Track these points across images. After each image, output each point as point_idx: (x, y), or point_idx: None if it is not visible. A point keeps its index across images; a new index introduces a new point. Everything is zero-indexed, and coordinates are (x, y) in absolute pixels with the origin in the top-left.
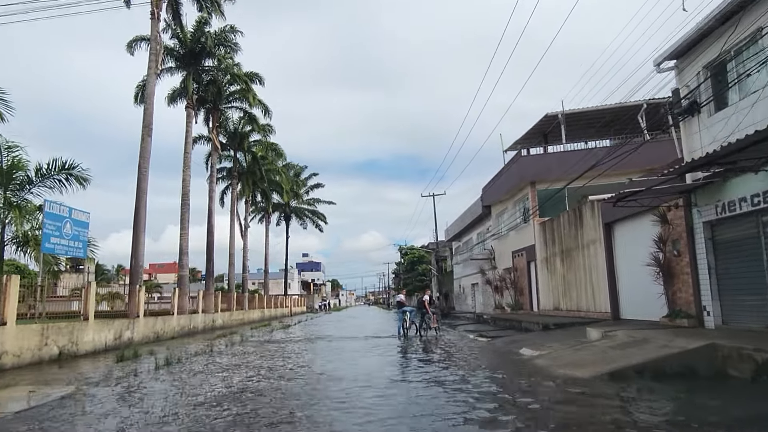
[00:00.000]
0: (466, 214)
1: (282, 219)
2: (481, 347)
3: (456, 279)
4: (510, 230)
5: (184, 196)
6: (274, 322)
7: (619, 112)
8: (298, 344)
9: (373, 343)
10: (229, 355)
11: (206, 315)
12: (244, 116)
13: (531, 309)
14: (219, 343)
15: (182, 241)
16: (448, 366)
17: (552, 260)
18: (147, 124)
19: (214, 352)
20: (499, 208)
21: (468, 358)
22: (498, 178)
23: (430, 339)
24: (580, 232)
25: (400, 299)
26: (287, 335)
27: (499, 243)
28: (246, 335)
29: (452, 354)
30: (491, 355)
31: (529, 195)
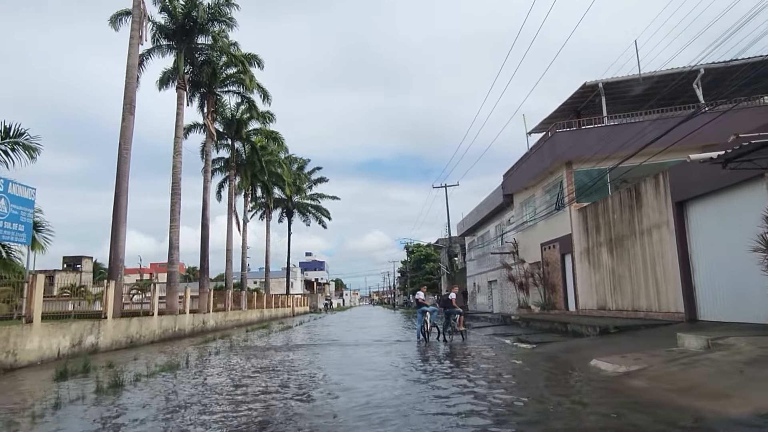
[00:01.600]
0: (482, 206)
1: (284, 215)
2: (531, 358)
3: (470, 276)
4: (538, 220)
5: (174, 185)
6: (274, 323)
7: (667, 80)
8: (299, 353)
9: (395, 352)
10: (209, 368)
11: (195, 316)
12: (242, 102)
13: (566, 308)
14: (203, 351)
15: (172, 234)
16: (510, 390)
17: (596, 251)
18: (129, 100)
19: (190, 366)
20: (524, 196)
21: (528, 378)
22: (523, 162)
23: (457, 345)
24: (637, 215)
25: (420, 297)
26: (287, 339)
27: (524, 235)
28: (239, 340)
29: (499, 369)
30: (556, 372)
31: (564, 178)
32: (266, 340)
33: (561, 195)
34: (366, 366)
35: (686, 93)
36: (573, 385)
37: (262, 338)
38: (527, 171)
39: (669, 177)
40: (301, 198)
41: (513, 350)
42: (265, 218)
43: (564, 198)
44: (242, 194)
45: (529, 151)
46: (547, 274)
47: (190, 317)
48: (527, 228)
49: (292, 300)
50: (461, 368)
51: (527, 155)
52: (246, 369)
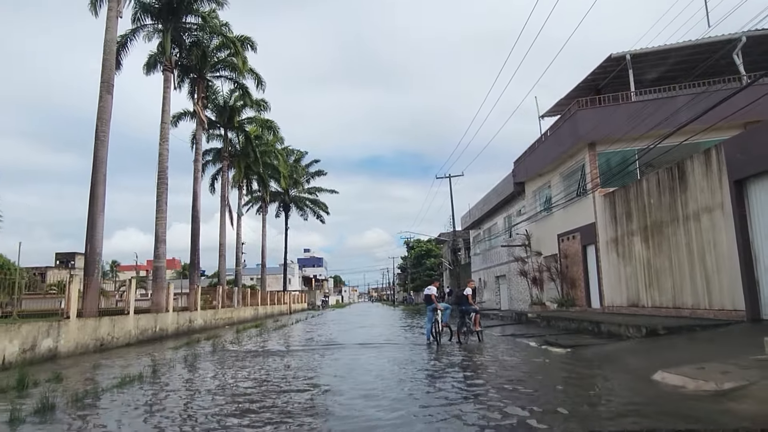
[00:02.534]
0: (490, 196)
1: (281, 209)
2: (571, 367)
3: (474, 272)
4: (554, 209)
5: (160, 174)
6: (268, 321)
7: (703, 51)
8: (295, 359)
9: (404, 360)
10: (178, 382)
11: (180, 314)
12: (235, 88)
13: (588, 305)
14: (178, 356)
15: (158, 227)
16: (568, 421)
17: (626, 241)
18: (107, 78)
19: (148, 380)
20: (537, 184)
21: (582, 399)
22: (537, 147)
23: (473, 348)
24: (680, 198)
25: (430, 292)
26: (281, 340)
27: (537, 226)
28: (225, 342)
29: (537, 384)
30: (616, 389)
31: (586, 160)
32: (256, 341)
33: (583, 180)
34: (370, 380)
35: (723, 65)
36: (654, 412)
37: (252, 339)
38: (542, 156)
39: (724, 152)
40: (299, 192)
41: (543, 356)
42: (261, 212)
43: (586, 183)
44: (236, 186)
45: (543, 134)
46: (565, 268)
47: (173, 316)
48: (541, 218)
49: (289, 297)
50: (487, 381)
51: (541, 139)
52: (233, 379)
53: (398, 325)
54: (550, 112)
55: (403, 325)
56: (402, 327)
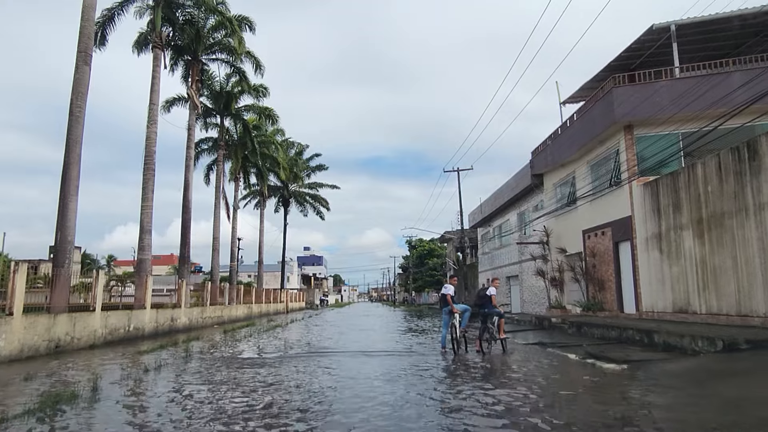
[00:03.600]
0: (502, 191)
1: (280, 204)
2: (640, 393)
3: (482, 272)
4: (579, 202)
5: (147, 159)
6: (262, 320)
7: (758, 23)
8: (279, 372)
9: (414, 376)
10: (112, 410)
11: (160, 312)
12: (232, 72)
13: (619, 309)
14: (139, 365)
15: (143, 216)
16: None
17: (672, 236)
18: (84, 48)
19: (86, 403)
20: (558, 175)
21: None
22: (559, 135)
23: (500, 361)
24: (750, 184)
25: (447, 292)
26: (270, 345)
27: (558, 221)
28: (205, 345)
29: (603, 417)
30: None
31: (621, 146)
32: (241, 345)
33: (616, 169)
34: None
35: None
36: None
37: (238, 343)
38: (565, 144)
39: None
40: (299, 186)
41: (593, 374)
42: (259, 207)
43: (620, 172)
44: (233, 178)
45: (569, 119)
46: (591, 267)
47: (152, 314)
48: (563, 213)
49: (286, 295)
50: (534, 409)
51: (566, 125)
52: (161, 415)
53: (403, 328)
54: (572, 98)
55: (408, 328)
56: (407, 330)
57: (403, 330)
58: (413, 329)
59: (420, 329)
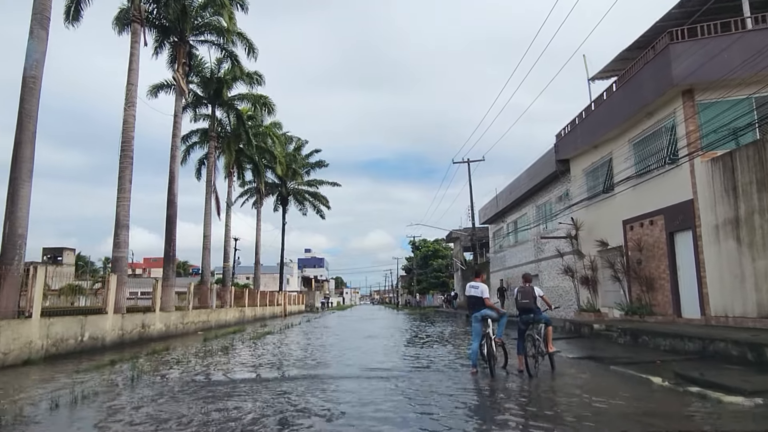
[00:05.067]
0: (520, 182)
1: (278, 203)
2: None
3: (495, 272)
4: (617, 187)
5: (124, 145)
6: (255, 325)
7: None
8: (246, 407)
9: (443, 419)
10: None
11: (128, 317)
12: (223, 57)
13: (676, 313)
14: (65, 389)
15: (120, 208)
16: None
17: (758, 221)
18: (40, 10)
19: None
20: (590, 159)
21: None
22: (594, 111)
23: (556, 388)
24: None
25: (477, 292)
26: (251, 359)
27: (589, 212)
28: (167, 360)
29: None
30: None
31: (679, 115)
32: (215, 360)
33: (672, 143)
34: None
35: None
36: None
37: (212, 357)
38: (600, 121)
39: None
40: (297, 184)
41: (713, 412)
42: (256, 206)
43: (678, 148)
44: (225, 172)
45: (605, 92)
46: (636, 264)
47: (115, 319)
48: (596, 202)
49: (284, 297)
50: None
51: (600, 100)
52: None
53: (411, 334)
54: (604, 73)
55: (417, 335)
56: (417, 338)
57: (413, 337)
58: (424, 336)
59: (432, 337)
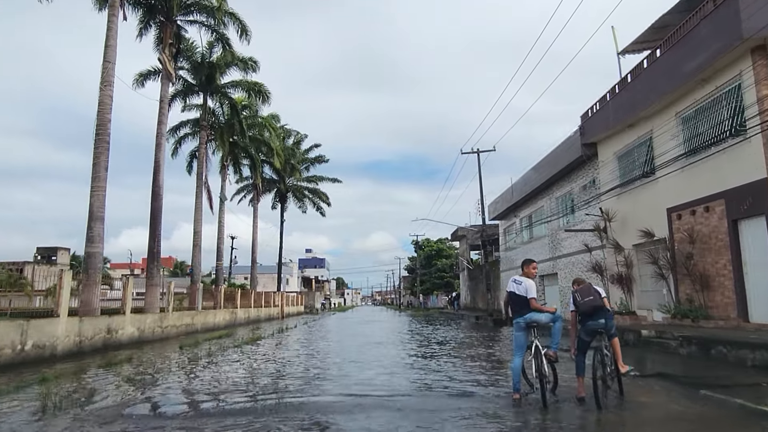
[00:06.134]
0: (539, 170)
1: (276, 200)
2: None
3: (505, 271)
4: (660, 171)
5: (100, 128)
6: (246, 328)
7: None
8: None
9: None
10: None
11: (90, 321)
12: (214, 40)
13: (741, 317)
14: None
15: (94, 200)
16: None
17: None
18: None
19: None
20: (623, 140)
21: None
22: (630, 83)
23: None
24: None
25: (519, 289)
26: (215, 379)
27: (622, 201)
28: (113, 378)
29: None
30: None
31: (747, 77)
32: (173, 379)
33: (738, 111)
34: None
35: None
36: None
37: (174, 373)
38: (638, 96)
39: None
40: (297, 180)
41: None
42: (253, 203)
43: (745, 117)
44: (219, 165)
45: (645, 59)
46: (685, 259)
47: (70, 324)
48: (632, 189)
49: (282, 298)
50: None
51: (639, 69)
52: None
53: (420, 340)
54: (637, 44)
55: (426, 340)
56: (427, 344)
57: (422, 344)
58: (433, 341)
59: (444, 342)
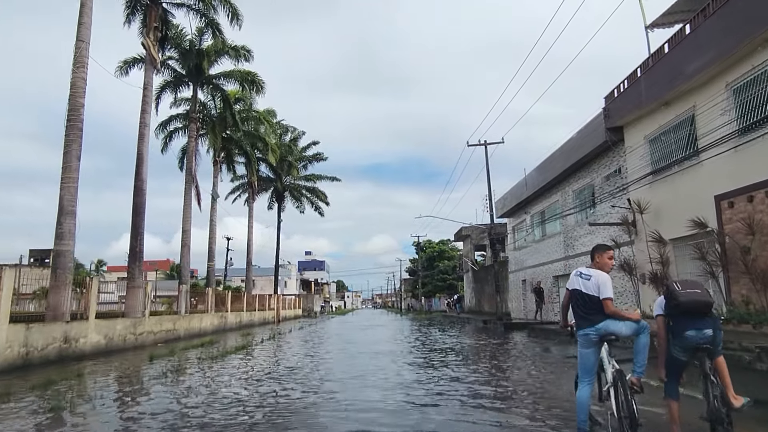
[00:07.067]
0: (552, 161)
1: (273, 199)
2: None
3: (514, 271)
4: (705, 153)
5: (72, 113)
6: (236, 334)
7: None
8: None
9: None
10: None
11: (40, 328)
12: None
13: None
14: None
15: (64, 192)
16: None
17: None
18: None
19: None
20: (657, 121)
21: None
22: (668, 53)
23: None
24: None
25: (588, 287)
26: (173, 402)
27: (655, 190)
28: (22, 408)
29: None
30: None
31: None
32: (100, 411)
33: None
34: None
35: None
36: None
37: (106, 399)
38: (678, 67)
39: None
40: (294, 178)
41: None
42: (248, 202)
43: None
44: (211, 161)
45: (687, 26)
46: (742, 253)
47: (11, 332)
48: (669, 175)
49: (278, 301)
50: None
51: (678, 40)
52: None
53: (429, 349)
54: (667, 17)
55: (434, 348)
56: (438, 352)
57: (431, 351)
58: (443, 348)
59: (457, 351)
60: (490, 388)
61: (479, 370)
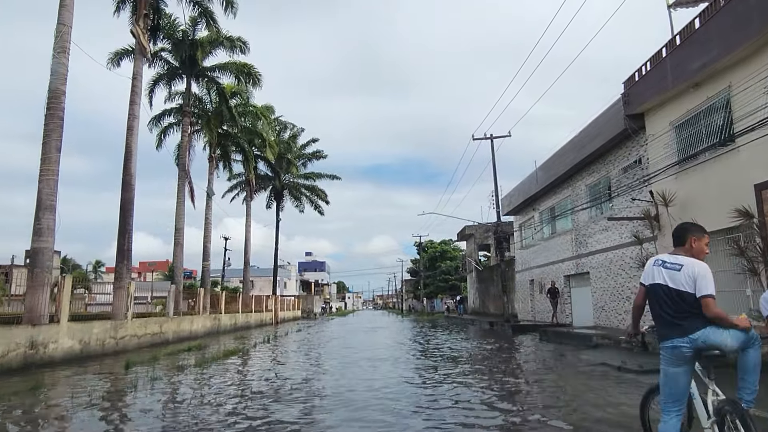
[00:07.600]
0: (563, 154)
1: (272, 198)
2: None
3: (521, 271)
4: (740, 139)
5: (52, 101)
6: (228, 338)
7: None
8: None
9: None
10: None
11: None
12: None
13: None
14: None
15: (43, 185)
16: None
17: None
18: None
19: None
20: (685, 105)
21: None
22: (699, 28)
23: None
24: None
25: (676, 279)
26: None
27: (682, 181)
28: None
29: None
30: None
31: None
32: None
33: None
34: None
35: None
36: None
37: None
38: (710, 43)
39: None
40: (293, 176)
41: None
42: (246, 200)
43: None
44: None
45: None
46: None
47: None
48: (698, 164)
49: (275, 303)
50: None
51: (712, 11)
52: None
53: (437, 357)
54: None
55: (443, 355)
56: (447, 361)
57: (439, 359)
58: (451, 357)
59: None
60: (531, 416)
61: (506, 386)
